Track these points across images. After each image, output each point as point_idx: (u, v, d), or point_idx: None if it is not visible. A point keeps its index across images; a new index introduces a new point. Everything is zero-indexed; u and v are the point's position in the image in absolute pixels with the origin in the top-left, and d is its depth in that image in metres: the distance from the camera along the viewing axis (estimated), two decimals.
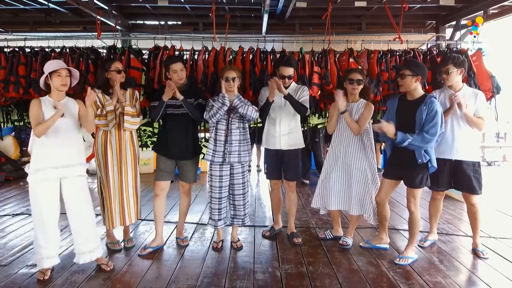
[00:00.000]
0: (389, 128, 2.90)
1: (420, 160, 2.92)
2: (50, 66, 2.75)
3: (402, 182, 3.18)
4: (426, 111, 2.88)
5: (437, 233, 3.68)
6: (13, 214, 4.51)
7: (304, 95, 3.41)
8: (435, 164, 2.99)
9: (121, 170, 3.27)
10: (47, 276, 2.84)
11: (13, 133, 7.64)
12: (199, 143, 3.58)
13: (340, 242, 3.44)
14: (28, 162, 7.55)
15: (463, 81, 3.30)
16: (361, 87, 3.26)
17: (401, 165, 3.08)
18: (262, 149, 4.08)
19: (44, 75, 2.73)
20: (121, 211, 3.30)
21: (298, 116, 3.51)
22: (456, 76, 3.16)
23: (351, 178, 3.34)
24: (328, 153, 3.50)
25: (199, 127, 4.44)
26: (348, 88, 3.28)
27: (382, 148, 6.85)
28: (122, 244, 3.46)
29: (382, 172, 3.35)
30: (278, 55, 4.16)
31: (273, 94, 3.26)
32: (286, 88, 3.37)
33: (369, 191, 3.31)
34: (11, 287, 2.72)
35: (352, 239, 3.49)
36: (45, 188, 2.75)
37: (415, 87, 3.00)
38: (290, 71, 3.36)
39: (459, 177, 3.18)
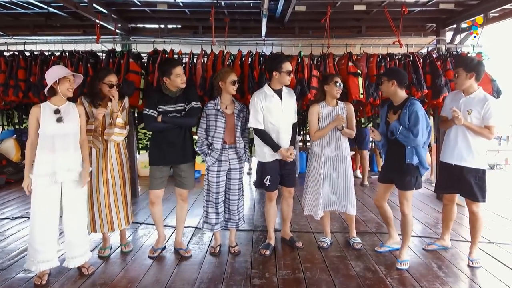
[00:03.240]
0: (375, 134, 3.23)
1: (408, 160, 3.04)
2: (58, 71, 2.76)
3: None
4: (407, 114, 3.01)
5: (436, 238, 3.65)
6: (12, 218, 4.52)
7: (295, 106, 3.44)
8: (426, 165, 3.11)
9: (107, 179, 3.22)
10: (44, 280, 2.84)
11: (14, 135, 7.69)
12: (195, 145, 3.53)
13: (353, 244, 3.53)
14: None
15: None
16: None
17: (393, 169, 3.19)
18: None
19: (53, 80, 2.72)
20: (108, 217, 3.27)
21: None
22: (464, 80, 3.04)
23: (343, 178, 3.37)
24: (315, 156, 3.43)
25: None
26: (332, 92, 3.32)
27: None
28: (107, 251, 3.39)
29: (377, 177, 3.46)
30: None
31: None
32: (281, 90, 3.32)
33: (353, 186, 3.42)
34: None
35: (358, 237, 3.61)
36: (47, 191, 2.78)
37: (394, 92, 3.12)
38: (290, 65, 3.28)
39: (461, 183, 3.12)
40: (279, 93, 3.30)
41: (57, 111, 2.77)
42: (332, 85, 3.28)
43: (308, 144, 7.30)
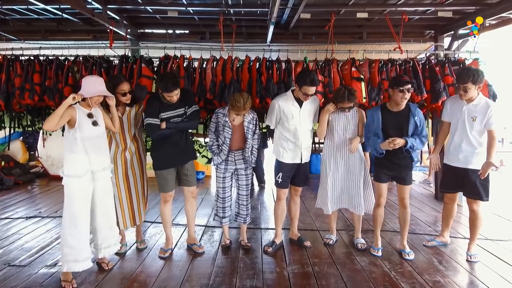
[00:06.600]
0: (400, 141, 3.21)
1: (416, 159, 3.39)
2: (94, 88, 2.90)
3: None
4: (419, 120, 3.31)
5: (435, 235, 3.84)
6: (26, 217, 4.66)
7: (315, 111, 3.59)
8: (418, 158, 3.58)
9: (128, 176, 3.42)
10: (75, 285, 2.90)
11: (21, 137, 7.81)
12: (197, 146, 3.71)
13: (357, 245, 3.65)
14: (36, 166, 7.64)
15: None
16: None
17: (395, 169, 3.38)
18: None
19: (86, 94, 2.86)
20: (130, 212, 3.47)
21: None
22: (474, 92, 3.21)
23: (353, 179, 3.53)
24: (326, 159, 3.62)
25: (203, 132, 4.63)
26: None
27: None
28: (123, 248, 3.54)
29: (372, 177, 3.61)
30: (283, 64, 4.33)
31: None
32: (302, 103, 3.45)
33: (369, 187, 3.57)
34: (34, 286, 2.87)
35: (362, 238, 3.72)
36: (83, 191, 2.91)
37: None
38: (314, 90, 3.34)
39: (465, 183, 3.32)
40: (300, 101, 3.45)
41: (90, 115, 2.94)
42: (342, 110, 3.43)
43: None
